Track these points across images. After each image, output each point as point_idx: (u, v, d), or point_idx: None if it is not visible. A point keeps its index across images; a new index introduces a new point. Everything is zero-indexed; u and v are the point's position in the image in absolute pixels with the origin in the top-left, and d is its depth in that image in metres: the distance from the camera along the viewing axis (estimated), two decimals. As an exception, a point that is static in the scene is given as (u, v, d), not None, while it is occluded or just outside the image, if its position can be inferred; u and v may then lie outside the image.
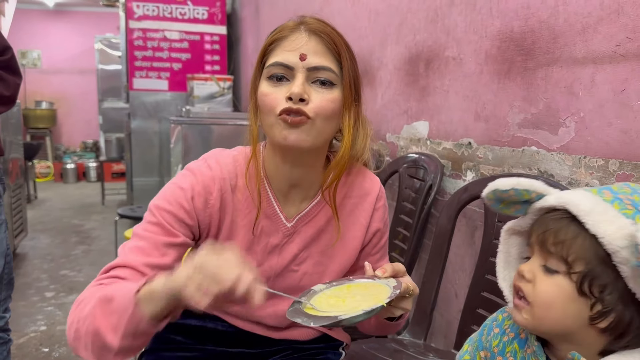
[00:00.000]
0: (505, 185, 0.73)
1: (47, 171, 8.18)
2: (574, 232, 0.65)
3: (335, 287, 0.87)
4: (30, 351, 2.52)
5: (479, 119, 1.50)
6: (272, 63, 0.88)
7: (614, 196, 0.67)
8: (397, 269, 0.85)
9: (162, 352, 1.04)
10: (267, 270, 0.98)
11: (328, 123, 0.89)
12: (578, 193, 0.68)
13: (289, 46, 0.87)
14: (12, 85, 1.67)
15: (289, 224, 0.98)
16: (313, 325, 0.73)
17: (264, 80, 0.89)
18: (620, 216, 0.64)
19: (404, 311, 0.87)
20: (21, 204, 4.15)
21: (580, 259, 0.64)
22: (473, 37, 1.51)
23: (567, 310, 0.66)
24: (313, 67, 0.86)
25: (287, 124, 0.85)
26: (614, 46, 1.06)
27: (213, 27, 4.53)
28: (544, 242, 0.68)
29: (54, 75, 8.63)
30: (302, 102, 0.85)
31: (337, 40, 0.89)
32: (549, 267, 0.68)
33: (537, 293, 0.68)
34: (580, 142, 1.15)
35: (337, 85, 0.89)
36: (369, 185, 1.04)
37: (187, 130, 3.32)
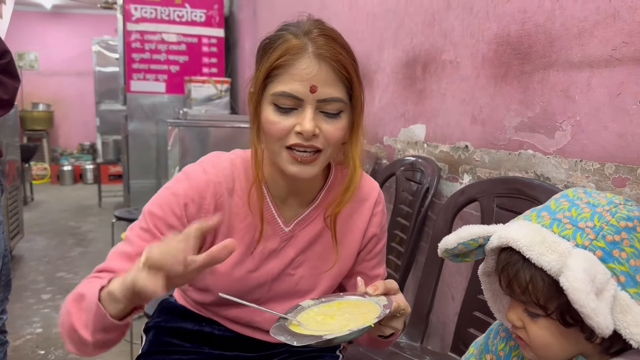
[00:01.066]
0: (451, 243, 0.76)
1: (44, 173, 8.15)
2: (529, 273, 0.66)
3: (324, 304, 0.85)
4: (27, 353, 2.51)
5: (475, 122, 1.51)
6: (279, 93, 0.83)
7: (551, 218, 0.68)
8: (390, 287, 0.83)
9: (158, 355, 1.03)
10: (263, 275, 0.98)
11: (335, 148, 0.89)
12: (516, 226, 0.70)
13: (298, 75, 0.82)
14: (11, 89, 1.67)
15: (286, 229, 0.97)
16: (297, 344, 0.71)
17: (268, 105, 0.85)
18: (560, 241, 0.65)
19: (395, 330, 0.85)
20: (17, 206, 4.13)
21: (549, 297, 0.65)
22: (470, 40, 1.52)
23: (564, 344, 0.68)
24: (323, 99, 0.83)
25: (297, 161, 0.85)
26: (610, 50, 1.06)
27: (211, 29, 4.53)
28: (513, 293, 0.69)
29: (51, 77, 8.62)
30: (314, 137, 0.84)
31: (349, 65, 0.85)
32: (530, 312, 0.69)
33: (532, 338, 0.70)
34: (576, 145, 1.16)
35: (344, 112, 0.87)
36: (368, 190, 1.03)
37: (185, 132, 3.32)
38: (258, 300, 0.85)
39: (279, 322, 0.79)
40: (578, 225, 0.66)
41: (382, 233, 1.06)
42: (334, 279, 1.02)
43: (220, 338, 1.03)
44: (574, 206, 0.69)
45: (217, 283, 0.95)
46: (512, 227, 0.71)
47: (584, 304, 0.59)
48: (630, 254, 0.65)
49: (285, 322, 0.79)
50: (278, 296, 1.00)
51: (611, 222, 0.65)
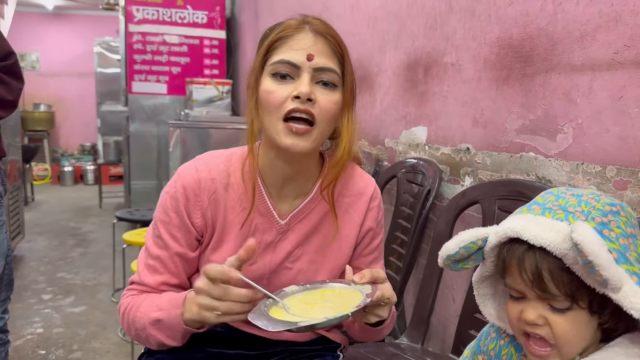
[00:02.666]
0: (452, 248, 0.76)
1: (45, 174, 8.16)
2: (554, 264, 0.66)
3: (308, 291, 0.87)
4: (27, 353, 2.51)
5: (477, 125, 1.51)
6: (278, 60, 0.88)
7: (542, 208, 0.71)
8: (377, 276, 0.85)
9: (160, 354, 1.04)
10: (261, 268, 0.99)
11: (329, 125, 0.91)
12: (512, 219, 0.72)
13: (296, 45, 0.88)
14: (15, 90, 1.68)
15: (282, 221, 0.99)
16: (271, 330, 0.73)
17: (267, 76, 0.90)
18: (554, 222, 0.67)
19: (379, 318, 0.87)
20: (18, 207, 4.14)
21: (579, 287, 0.66)
22: (472, 43, 1.52)
23: (586, 333, 0.69)
24: (319, 67, 0.88)
25: (292, 132, 0.87)
26: (612, 54, 1.07)
27: (212, 31, 4.54)
28: (544, 289, 0.67)
29: (52, 78, 8.64)
30: (309, 102, 0.86)
31: (342, 43, 0.91)
32: (557, 308, 0.68)
33: (559, 334, 0.68)
34: (578, 148, 1.16)
35: (338, 87, 0.91)
36: (364, 184, 1.05)
37: (186, 133, 3.33)
38: None
39: (259, 307, 0.79)
40: (568, 210, 0.69)
41: (379, 228, 1.07)
42: (331, 272, 1.03)
43: (222, 336, 1.04)
44: (561, 198, 0.72)
45: None
46: (508, 221, 0.73)
47: (599, 254, 0.59)
48: (618, 234, 0.67)
49: (265, 307, 0.79)
50: (276, 289, 1.00)
51: (597, 207, 0.68)
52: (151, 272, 0.97)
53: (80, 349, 2.58)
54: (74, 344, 2.63)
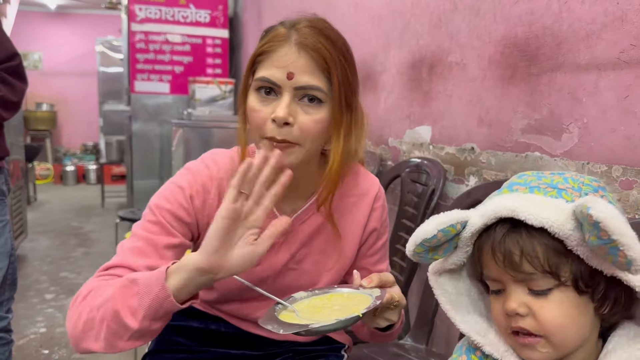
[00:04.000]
0: (430, 231, 0.67)
1: (47, 173, 8.17)
2: (530, 237, 0.60)
3: (316, 296, 0.86)
4: (30, 353, 2.52)
5: (482, 124, 1.51)
6: (259, 77, 0.86)
7: (528, 187, 0.65)
8: (385, 279, 0.83)
9: (165, 354, 1.04)
10: (266, 269, 0.98)
11: (315, 142, 0.89)
12: (498, 198, 0.65)
13: (277, 61, 0.84)
14: (20, 91, 1.69)
15: None
16: (282, 332, 0.72)
17: (253, 91, 0.88)
18: (550, 200, 0.61)
19: (389, 322, 0.86)
20: (21, 206, 4.14)
21: (560, 261, 0.60)
22: (476, 42, 1.52)
23: (579, 320, 0.62)
24: (300, 86, 0.84)
25: (272, 147, 0.84)
26: (618, 53, 1.06)
27: (215, 30, 4.54)
28: (515, 267, 0.61)
29: (54, 78, 8.64)
30: (287, 126, 0.84)
31: (328, 57, 0.85)
32: (538, 291, 0.61)
33: (546, 322, 0.61)
34: (583, 148, 1.16)
35: (325, 103, 0.86)
36: (368, 185, 1.04)
37: (189, 133, 3.32)
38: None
39: (269, 312, 0.79)
40: (558, 187, 0.63)
41: (383, 228, 1.06)
42: (336, 274, 1.03)
43: (226, 335, 1.03)
44: (543, 177, 0.66)
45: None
46: (490, 201, 0.66)
47: (625, 232, 0.52)
48: None
49: (275, 312, 0.79)
50: (282, 291, 1.00)
51: (586, 182, 0.64)
52: (137, 254, 0.86)
53: (83, 348, 2.58)
54: (77, 343, 2.63)
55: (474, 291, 0.75)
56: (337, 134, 0.89)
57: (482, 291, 0.75)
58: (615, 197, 0.65)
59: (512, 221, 0.62)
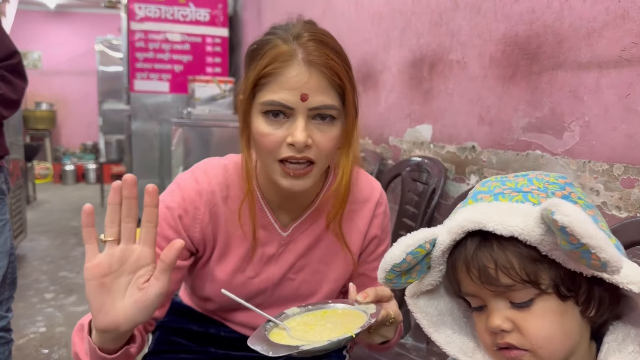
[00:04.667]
0: (398, 255, 0.63)
1: (46, 172, 8.17)
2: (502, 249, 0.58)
3: (309, 313, 0.83)
4: (30, 352, 2.51)
5: (483, 123, 1.50)
6: (269, 102, 0.80)
7: (492, 195, 0.62)
8: (381, 294, 0.79)
9: (165, 354, 1.03)
10: (264, 281, 0.97)
11: (328, 159, 0.87)
12: (463, 211, 0.62)
13: (287, 84, 0.79)
14: (20, 89, 1.68)
15: (284, 234, 0.96)
16: (272, 355, 0.68)
17: (258, 114, 0.82)
18: (516, 205, 0.58)
19: (385, 338, 0.83)
20: (21, 205, 4.14)
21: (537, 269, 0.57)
22: (477, 40, 1.52)
23: (566, 326, 0.59)
24: (314, 107, 0.80)
25: (289, 175, 0.82)
26: (619, 51, 1.06)
27: (215, 29, 4.53)
28: (492, 280, 0.58)
29: (54, 77, 8.64)
30: (306, 148, 0.81)
31: (340, 72, 0.81)
32: (519, 303, 0.59)
33: (532, 336, 0.58)
34: (584, 146, 1.15)
35: (338, 119, 0.84)
36: (369, 190, 1.01)
37: (189, 132, 3.32)
38: (260, 305, 0.85)
39: (259, 330, 0.76)
40: (523, 190, 0.60)
41: (385, 235, 1.04)
42: (335, 282, 1.01)
43: (226, 339, 1.03)
44: (507, 181, 0.63)
45: (218, 291, 0.95)
46: (456, 215, 0.62)
47: (594, 234, 0.49)
48: (583, 206, 0.59)
49: (266, 330, 0.76)
50: (280, 301, 0.99)
51: (551, 181, 0.61)
52: None
53: (83, 347, 2.58)
54: (77, 343, 2.63)
55: (456, 309, 0.72)
56: (348, 149, 0.87)
57: (466, 308, 0.72)
58: (583, 191, 0.63)
59: (482, 233, 0.59)
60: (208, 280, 0.96)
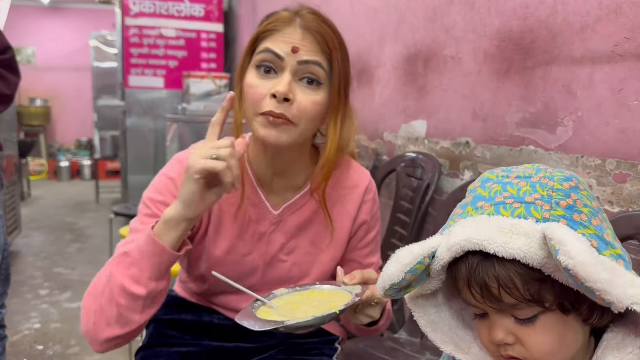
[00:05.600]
0: (396, 275, 0.62)
1: (41, 169, 8.14)
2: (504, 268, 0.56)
3: (296, 293, 0.86)
4: (24, 349, 2.51)
5: (477, 118, 1.51)
6: (262, 49, 0.87)
7: (492, 204, 0.59)
8: (367, 277, 0.84)
9: (159, 348, 1.04)
10: (256, 259, 0.99)
11: (310, 124, 0.90)
12: (460, 227, 0.59)
13: (282, 38, 0.87)
14: (12, 84, 1.68)
15: (275, 212, 0.99)
16: (258, 329, 0.72)
17: (252, 68, 0.89)
18: (518, 222, 0.55)
19: (371, 318, 0.87)
20: (15, 201, 4.12)
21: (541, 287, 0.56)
22: (472, 36, 1.52)
23: (568, 338, 0.59)
24: (304, 60, 0.86)
25: (268, 123, 0.86)
26: (612, 46, 1.06)
27: (209, 24, 4.52)
28: (495, 299, 0.57)
29: (48, 72, 8.59)
30: (286, 102, 0.85)
31: (330, 41, 0.88)
32: (523, 319, 0.58)
33: (534, 350, 0.58)
34: (577, 141, 1.16)
35: (323, 85, 0.89)
36: (358, 177, 1.05)
37: (183, 128, 3.31)
38: (252, 288, 0.87)
39: (246, 308, 0.79)
40: (525, 200, 0.57)
41: (374, 221, 1.06)
42: (327, 265, 1.03)
43: (219, 327, 1.04)
44: (508, 184, 0.60)
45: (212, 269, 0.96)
46: (456, 230, 0.59)
47: (597, 278, 0.49)
48: (588, 214, 0.57)
49: (253, 308, 0.79)
50: (271, 283, 1.01)
51: (556, 187, 0.58)
52: None
53: (78, 344, 2.58)
54: (71, 339, 2.62)
55: (455, 305, 0.72)
56: (335, 119, 0.92)
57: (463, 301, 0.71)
58: (590, 192, 0.60)
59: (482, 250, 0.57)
60: (203, 257, 0.99)
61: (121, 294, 0.82)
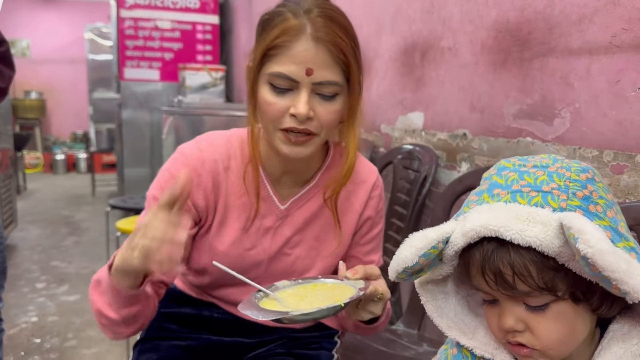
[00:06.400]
0: (410, 259, 0.62)
1: (37, 162, 8.10)
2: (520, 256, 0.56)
3: (299, 285, 0.86)
4: (22, 342, 2.51)
5: (474, 110, 1.50)
6: (275, 73, 0.84)
7: (509, 192, 0.59)
8: (370, 272, 0.84)
9: (157, 341, 1.03)
10: (260, 253, 0.99)
11: (331, 130, 0.90)
12: (476, 213, 0.60)
13: (295, 57, 0.82)
14: (7, 77, 1.67)
15: (282, 207, 0.98)
16: (261, 319, 0.72)
17: (264, 84, 0.86)
18: (535, 210, 0.56)
19: (373, 315, 0.86)
20: (11, 195, 4.10)
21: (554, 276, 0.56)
22: (469, 27, 1.51)
23: (577, 328, 0.59)
24: (319, 82, 0.83)
25: (290, 142, 0.86)
26: (610, 37, 1.06)
27: (205, 16, 4.49)
28: (508, 287, 0.58)
29: (43, 65, 8.53)
30: (307, 121, 0.84)
31: (345, 48, 0.84)
32: (534, 306, 0.58)
33: (544, 338, 0.59)
34: (575, 132, 1.16)
35: (340, 95, 0.87)
36: (366, 173, 1.04)
37: (179, 120, 3.29)
38: (254, 280, 0.87)
39: (249, 298, 0.79)
40: (543, 189, 0.57)
41: (379, 218, 1.06)
42: (330, 260, 1.02)
43: (219, 322, 1.03)
44: (525, 173, 0.60)
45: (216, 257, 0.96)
46: (472, 216, 0.60)
47: (616, 267, 0.49)
48: (603, 206, 0.57)
49: (256, 299, 0.79)
50: (274, 276, 1.00)
51: (573, 178, 0.58)
52: None
53: (75, 337, 2.58)
54: (69, 332, 2.62)
55: (462, 291, 0.72)
56: (353, 124, 0.91)
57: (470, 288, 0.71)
58: (606, 185, 0.61)
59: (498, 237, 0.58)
60: (206, 251, 0.98)
61: (102, 317, 0.85)
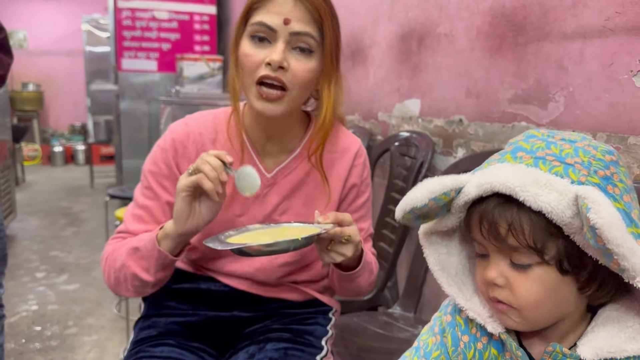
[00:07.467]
0: (420, 199, 0.63)
1: (35, 154, 8.10)
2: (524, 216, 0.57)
3: (271, 229, 0.92)
4: (23, 330, 2.53)
5: (470, 96, 1.51)
6: (255, 22, 0.90)
7: (533, 157, 0.60)
8: (342, 218, 0.88)
9: (156, 318, 1.06)
10: (250, 220, 1.02)
11: (304, 91, 0.94)
12: (494, 169, 0.60)
13: (274, 8, 0.89)
14: (5, 65, 1.67)
15: (268, 175, 1.03)
16: (220, 248, 0.80)
17: (246, 38, 0.93)
18: (554, 179, 0.56)
19: (344, 257, 0.89)
20: (10, 186, 4.11)
21: (547, 239, 0.57)
22: (465, 13, 1.52)
23: (558, 297, 0.60)
24: (296, 32, 0.89)
25: (262, 97, 0.90)
26: (603, 20, 1.07)
27: (202, 6, 4.48)
28: (499, 238, 0.59)
29: (40, 57, 8.50)
30: (280, 70, 0.89)
31: (322, 9, 0.91)
32: (518, 264, 0.60)
33: (521, 297, 0.60)
34: (569, 116, 1.17)
35: (315, 53, 0.92)
36: (349, 142, 1.08)
37: (177, 111, 3.30)
38: None
39: (217, 235, 0.86)
40: (566, 161, 0.58)
41: (364, 186, 1.10)
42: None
43: (216, 294, 1.05)
44: (552, 144, 0.60)
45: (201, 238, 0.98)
46: (490, 171, 0.60)
47: (620, 242, 0.50)
48: (622, 189, 0.58)
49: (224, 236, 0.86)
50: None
51: (598, 157, 0.58)
52: (137, 221, 1.01)
53: (75, 325, 2.60)
54: (69, 320, 2.65)
55: (466, 251, 0.73)
56: (328, 85, 0.95)
57: (473, 251, 0.72)
58: (627, 171, 0.61)
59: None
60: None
61: (135, 280, 0.95)
